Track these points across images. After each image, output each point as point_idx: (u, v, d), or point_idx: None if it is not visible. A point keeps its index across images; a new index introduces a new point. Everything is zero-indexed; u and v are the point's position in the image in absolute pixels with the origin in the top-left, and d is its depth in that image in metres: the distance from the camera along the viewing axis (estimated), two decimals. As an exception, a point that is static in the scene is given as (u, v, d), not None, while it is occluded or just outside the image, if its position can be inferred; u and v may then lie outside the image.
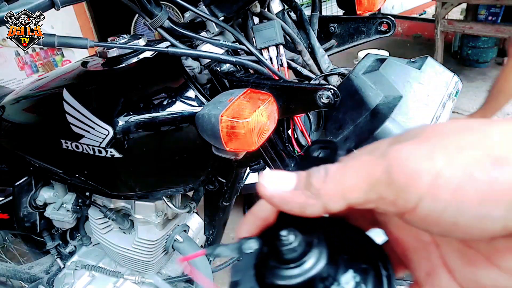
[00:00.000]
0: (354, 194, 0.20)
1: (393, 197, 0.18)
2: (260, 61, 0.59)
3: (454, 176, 0.17)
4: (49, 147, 0.78)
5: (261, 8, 0.67)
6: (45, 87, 0.81)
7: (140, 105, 0.67)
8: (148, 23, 0.60)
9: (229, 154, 0.62)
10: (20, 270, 1.13)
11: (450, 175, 0.17)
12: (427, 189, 0.18)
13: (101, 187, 0.80)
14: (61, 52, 1.81)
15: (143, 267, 0.97)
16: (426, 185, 0.18)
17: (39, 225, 0.99)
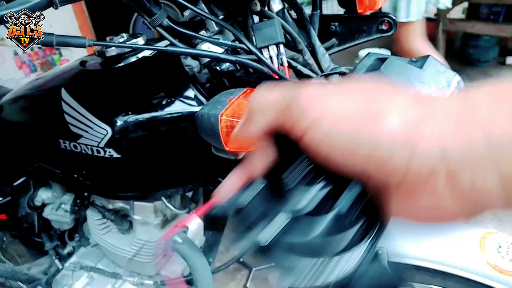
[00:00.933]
0: (270, 113, 0.25)
1: (291, 123, 0.23)
2: (260, 60, 0.58)
3: (336, 112, 0.22)
4: (47, 147, 0.78)
5: (261, 7, 0.67)
6: (43, 86, 0.81)
7: (139, 104, 0.67)
8: (147, 22, 0.59)
9: (228, 154, 0.61)
10: (18, 271, 1.12)
11: (333, 111, 0.22)
12: (314, 119, 0.22)
13: (99, 188, 0.80)
14: (59, 51, 1.81)
15: (142, 268, 0.96)
16: (314, 116, 0.22)
17: (38, 226, 0.99)
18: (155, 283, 1.00)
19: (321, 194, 0.25)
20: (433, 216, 0.22)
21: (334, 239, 0.24)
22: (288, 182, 0.25)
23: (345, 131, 0.21)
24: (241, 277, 1.74)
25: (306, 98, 0.23)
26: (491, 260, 0.62)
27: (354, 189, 0.24)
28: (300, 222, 0.24)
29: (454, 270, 0.64)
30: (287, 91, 0.24)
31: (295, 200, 0.24)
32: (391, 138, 0.20)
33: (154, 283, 1.00)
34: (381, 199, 0.23)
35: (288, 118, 0.23)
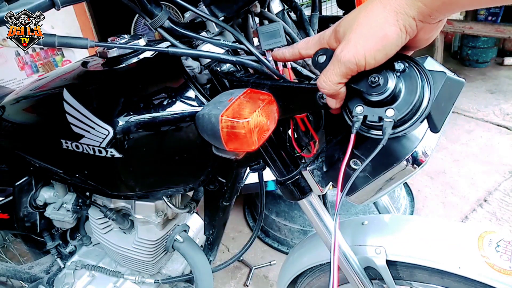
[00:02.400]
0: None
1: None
2: (260, 61, 0.59)
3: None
4: (49, 147, 0.78)
5: (261, 8, 0.67)
6: (45, 87, 0.81)
7: (140, 105, 0.67)
8: (148, 23, 0.60)
9: (229, 154, 0.62)
10: (20, 270, 1.12)
11: None
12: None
13: (101, 187, 0.80)
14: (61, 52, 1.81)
15: (143, 267, 0.97)
16: None
17: (39, 225, 0.99)
18: (156, 281, 1.00)
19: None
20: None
21: None
22: None
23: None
24: (241, 275, 1.74)
25: None
26: (489, 259, 0.63)
27: None
28: None
29: (453, 269, 0.64)
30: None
31: None
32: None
33: (155, 281, 1.00)
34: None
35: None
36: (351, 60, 0.43)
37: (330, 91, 0.47)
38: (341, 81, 0.46)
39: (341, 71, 0.45)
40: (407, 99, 0.45)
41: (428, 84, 0.45)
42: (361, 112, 0.47)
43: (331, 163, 0.59)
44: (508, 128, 2.60)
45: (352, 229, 0.76)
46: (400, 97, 0.45)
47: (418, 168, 0.52)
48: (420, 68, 0.46)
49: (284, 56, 0.54)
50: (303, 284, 0.88)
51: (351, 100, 0.48)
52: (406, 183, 2.12)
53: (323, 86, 0.47)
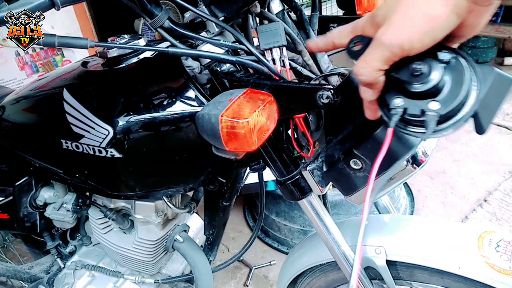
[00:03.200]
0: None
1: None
2: (260, 61, 0.59)
3: None
4: (49, 147, 0.78)
5: (261, 8, 0.67)
6: (45, 87, 0.81)
7: (140, 105, 0.67)
8: (148, 23, 0.60)
9: (229, 154, 0.62)
10: (20, 270, 1.13)
11: None
12: None
13: (101, 187, 0.80)
14: (61, 52, 1.81)
15: (143, 267, 0.97)
16: None
17: (39, 225, 0.99)
18: (156, 281, 1.00)
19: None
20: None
21: None
22: None
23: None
24: (241, 275, 1.74)
25: None
26: (489, 259, 0.63)
27: None
28: None
29: (453, 269, 0.64)
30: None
31: None
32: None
33: (155, 281, 1.00)
34: None
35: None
36: (395, 43, 0.39)
37: (368, 79, 0.42)
38: (382, 67, 0.41)
39: (383, 55, 0.40)
40: (453, 92, 0.40)
41: (476, 78, 0.41)
42: (400, 105, 0.41)
43: (331, 163, 0.59)
44: (508, 128, 2.59)
45: (352, 229, 0.76)
46: (444, 89, 0.40)
47: (418, 168, 0.52)
48: (468, 60, 0.42)
49: (317, 45, 0.51)
50: (303, 284, 0.88)
51: (388, 92, 0.43)
52: (406, 183, 2.12)
53: (361, 73, 0.42)
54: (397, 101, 0.42)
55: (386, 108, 0.43)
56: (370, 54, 0.42)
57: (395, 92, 0.42)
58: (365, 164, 0.54)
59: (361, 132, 0.54)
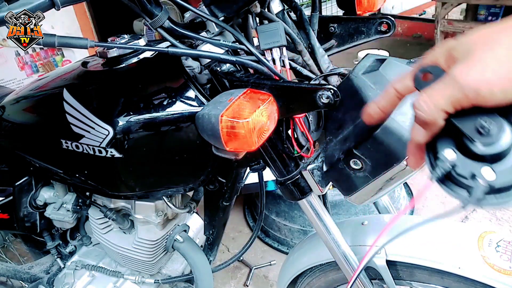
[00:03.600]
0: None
1: None
2: (260, 61, 0.59)
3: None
4: (49, 147, 0.78)
5: (261, 8, 0.67)
6: (45, 87, 0.81)
7: (140, 105, 0.67)
8: (148, 23, 0.60)
9: (229, 154, 0.62)
10: (20, 270, 1.13)
11: None
12: None
13: (101, 187, 0.80)
14: (61, 52, 1.81)
15: (143, 267, 0.97)
16: None
17: (39, 225, 0.99)
18: (156, 281, 1.00)
19: None
20: None
21: None
22: None
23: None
24: (241, 275, 1.74)
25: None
26: (489, 259, 0.63)
27: None
28: None
29: (453, 269, 0.64)
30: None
31: None
32: None
33: (155, 281, 1.00)
34: None
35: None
36: (472, 85, 0.32)
37: (428, 117, 0.35)
38: (447, 108, 0.34)
39: (452, 95, 0.33)
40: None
41: None
42: (451, 159, 0.35)
43: (331, 163, 0.59)
44: (508, 128, 2.59)
45: (352, 229, 0.76)
46: (506, 159, 0.33)
47: (418, 168, 0.52)
48: None
49: (379, 111, 0.43)
50: (303, 284, 0.88)
51: (442, 138, 0.36)
52: (406, 183, 2.12)
53: (422, 108, 0.35)
54: (449, 154, 0.35)
55: (433, 155, 0.37)
56: (438, 89, 0.35)
57: (449, 142, 0.36)
58: (365, 164, 0.54)
59: (361, 132, 0.54)
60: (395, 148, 0.51)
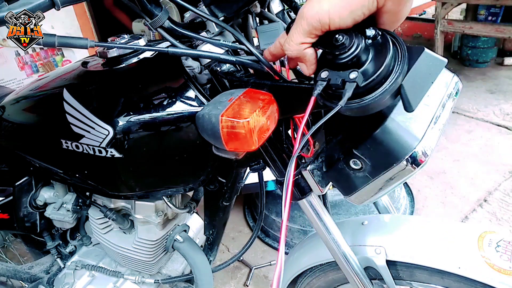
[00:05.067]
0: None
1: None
2: (260, 61, 0.59)
3: None
4: (49, 147, 0.78)
5: (261, 8, 0.67)
6: (45, 87, 0.81)
7: (140, 105, 0.67)
8: (148, 23, 0.60)
9: (229, 154, 0.62)
10: (20, 270, 1.13)
11: None
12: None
13: (101, 187, 0.80)
14: (61, 52, 1.81)
15: (143, 267, 0.97)
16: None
17: (39, 225, 0.99)
18: (156, 281, 1.00)
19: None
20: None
21: None
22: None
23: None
24: (241, 275, 1.74)
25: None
26: (489, 259, 0.63)
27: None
28: None
29: (453, 269, 0.64)
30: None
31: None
32: None
33: (155, 281, 1.00)
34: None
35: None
36: (314, 17, 0.41)
37: (293, 52, 0.45)
38: (305, 40, 0.44)
39: (303, 29, 0.43)
40: (374, 65, 0.42)
41: (401, 54, 0.43)
42: (325, 76, 0.44)
43: (331, 163, 0.59)
44: (508, 128, 2.59)
45: (352, 229, 0.76)
46: (367, 63, 0.43)
47: (418, 168, 0.52)
48: (395, 39, 0.44)
49: (270, 55, 0.54)
50: (303, 284, 0.88)
51: (321, 69, 0.46)
52: (406, 183, 2.12)
53: (287, 48, 0.45)
54: (324, 74, 0.45)
55: (314, 80, 0.47)
56: (294, 29, 0.44)
57: (324, 67, 0.45)
58: (365, 164, 0.54)
59: (361, 132, 0.54)
60: (394, 148, 0.51)
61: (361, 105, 0.44)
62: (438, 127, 0.55)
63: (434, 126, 0.54)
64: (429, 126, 0.53)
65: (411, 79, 0.43)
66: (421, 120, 0.54)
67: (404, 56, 0.43)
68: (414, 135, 0.51)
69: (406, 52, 0.43)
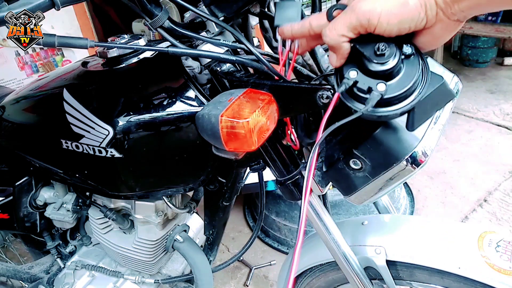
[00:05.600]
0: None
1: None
2: (260, 61, 0.59)
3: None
4: (49, 147, 0.78)
5: (261, 8, 0.67)
6: (45, 87, 0.81)
7: (140, 105, 0.67)
8: (148, 23, 0.60)
9: (229, 154, 0.62)
10: (20, 270, 1.13)
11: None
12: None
13: (101, 187, 0.80)
14: (61, 52, 1.81)
15: (143, 267, 0.97)
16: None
17: (39, 225, 0.99)
18: (156, 281, 1.00)
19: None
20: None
21: None
22: None
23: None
24: (241, 275, 1.74)
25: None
26: (489, 259, 0.63)
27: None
28: None
29: (453, 269, 0.64)
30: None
31: None
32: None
33: (155, 281, 1.00)
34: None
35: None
36: (365, 14, 0.41)
37: (332, 41, 0.45)
38: (347, 34, 0.44)
39: (350, 22, 0.43)
40: (401, 83, 0.44)
41: (425, 79, 0.44)
42: (353, 77, 0.45)
43: (331, 163, 0.59)
44: (508, 128, 2.60)
45: (352, 229, 0.76)
46: (395, 78, 0.44)
47: (418, 168, 0.52)
48: (424, 62, 0.45)
49: (291, 32, 0.51)
50: (303, 284, 0.88)
51: (347, 64, 0.46)
52: (406, 183, 2.12)
53: (327, 34, 0.45)
54: (352, 73, 0.45)
55: (340, 76, 0.47)
56: (339, 18, 0.44)
57: (353, 65, 0.45)
58: (364, 164, 0.54)
59: (361, 132, 0.54)
60: (394, 148, 0.51)
61: (373, 115, 0.45)
62: (438, 127, 0.55)
63: (434, 126, 0.54)
64: (429, 126, 0.53)
65: (423, 103, 0.45)
66: (421, 120, 0.54)
67: (427, 82, 0.44)
68: (414, 135, 0.52)
69: (429, 78, 0.44)
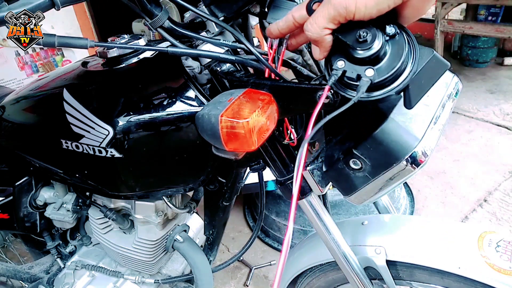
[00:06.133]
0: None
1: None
2: (260, 61, 0.59)
3: None
4: (49, 147, 0.78)
5: (261, 8, 0.67)
6: (45, 87, 0.81)
7: (140, 105, 0.67)
8: (148, 23, 0.60)
9: (229, 154, 0.62)
10: (20, 270, 1.13)
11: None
12: None
13: (101, 187, 0.80)
14: (61, 52, 1.81)
15: (143, 267, 0.97)
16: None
17: (39, 225, 0.99)
18: (156, 281, 1.00)
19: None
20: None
21: None
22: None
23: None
24: (241, 275, 1.74)
25: None
26: (489, 259, 0.63)
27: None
28: None
29: (453, 269, 0.64)
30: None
31: None
32: None
33: (155, 281, 1.00)
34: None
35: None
36: (342, 2, 0.41)
37: (314, 35, 0.45)
38: (328, 25, 0.44)
39: (329, 14, 0.43)
40: (390, 64, 0.44)
41: (413, 55, 0.44)
42: (341, 67, 0.45)
43: (330, 163, 0.59)
44: (508, 128, 2.60)
45: (352, 229, 0.76)
46: (383, 60, 0.44)
47: (418, 168, 0.52)
48: (410, 38, 0.45)
49: (278, 29, 0.51)
50: (303, 284, 0.88)
51: (335, 55, 0.47)
52: (406, 183, 2.13)
53: (308, 29, 0.45)
54: (340, 63, 0.45)
55: (330, 68, 0.47)
56: (319, 12, 0.44)
57: (340, 55, 0.46)
58: (364, 164, 0.54)
59: (361, 132, 0.54)
60: (394, 148, 0.51)
61: (368, 100, 0.45)
62: (438, 127, 0.55)
63: (434, 126, 0.54)
64: (429, 126, 0.53)
65: (417, 79, 0.44)
66: (421, 120, 0.54)
67: (416, 58, 0.44)
68: (414, 135, 0.52)
69: (418, 54, 0.44)
